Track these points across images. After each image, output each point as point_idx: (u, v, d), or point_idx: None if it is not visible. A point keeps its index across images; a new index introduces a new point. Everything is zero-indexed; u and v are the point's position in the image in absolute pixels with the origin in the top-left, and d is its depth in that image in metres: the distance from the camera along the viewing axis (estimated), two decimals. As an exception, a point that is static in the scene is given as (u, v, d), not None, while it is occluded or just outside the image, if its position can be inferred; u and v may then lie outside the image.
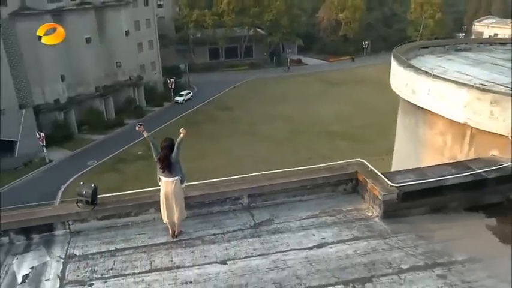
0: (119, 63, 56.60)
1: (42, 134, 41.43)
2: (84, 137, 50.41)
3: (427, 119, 9.42)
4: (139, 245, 6.44)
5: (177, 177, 6.38)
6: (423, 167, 7.69)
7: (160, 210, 6.61)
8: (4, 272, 5.95)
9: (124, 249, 6.34)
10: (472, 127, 8.18)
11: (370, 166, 7.64)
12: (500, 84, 9.60)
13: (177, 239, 6.58)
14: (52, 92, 47.82)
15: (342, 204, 7.55)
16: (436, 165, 7.75)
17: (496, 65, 11.58)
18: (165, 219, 6.54)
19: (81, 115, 51.04)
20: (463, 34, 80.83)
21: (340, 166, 7.93)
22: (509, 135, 7.46)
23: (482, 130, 7.95)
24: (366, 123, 50.38)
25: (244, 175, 7.78)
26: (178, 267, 5.93)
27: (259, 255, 6.20)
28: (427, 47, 12.85)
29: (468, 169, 7.51)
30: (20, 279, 5.80)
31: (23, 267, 6.03)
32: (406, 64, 9.56)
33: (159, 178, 6.47)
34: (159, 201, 6.57)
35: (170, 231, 6.63)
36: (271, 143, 48.52)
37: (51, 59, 45.98)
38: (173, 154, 6.32)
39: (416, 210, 7.26)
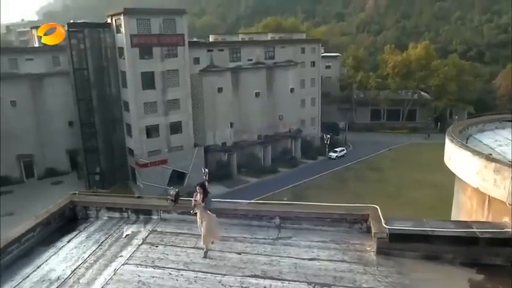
0: (281, 116, 63.52)
1: (207, 170, 49.54)
2: (241, 178, 57.54)
3: (461, 185, 10.33)
4: (194, 233, 9.63)
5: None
6: (427, 219, 9.01)
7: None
8: (118, 231, 9.95)
9: (185, 233, 9.67)
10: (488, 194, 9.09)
11: (379, 211, 9.40)
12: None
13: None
14: (221, 136, 56.89)
15: (352, 238, 9.37)
16: (439, 220, 9.01)
17: None
18: None
19: (242, 158, 58.65)
20: None
21: (357, 208, 9.84)
22: (508, 203, 8.31)
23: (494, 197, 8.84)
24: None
25: (280, 201, 10.36)
26: (209, 250, 8.91)
27: (264, 255, 8.72)
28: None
29: (467, 227, 8.58)
30: (124, 235, 9.69)
31: (128, 230, 9.93)
32: (449, 134, 10.75)
33: None
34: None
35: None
36: (415, 209, 47.20)
37: (224, 108, 55.33)
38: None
39: (410, 253, 8.60)
